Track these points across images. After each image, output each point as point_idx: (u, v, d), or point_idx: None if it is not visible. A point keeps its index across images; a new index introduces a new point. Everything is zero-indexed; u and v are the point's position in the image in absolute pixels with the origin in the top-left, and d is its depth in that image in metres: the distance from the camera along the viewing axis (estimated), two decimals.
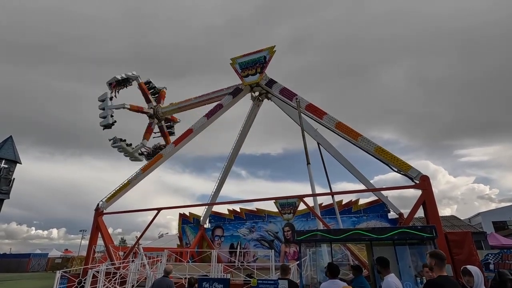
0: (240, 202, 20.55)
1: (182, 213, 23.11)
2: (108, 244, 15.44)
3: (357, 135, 12.83)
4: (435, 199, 10.28)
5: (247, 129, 20.35)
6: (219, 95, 18.33)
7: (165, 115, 21.20)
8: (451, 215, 29.22)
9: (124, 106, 19.22)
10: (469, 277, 3.73)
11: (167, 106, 20.78)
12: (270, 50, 16.75)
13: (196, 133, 17.65)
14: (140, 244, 15.40)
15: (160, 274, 10.03)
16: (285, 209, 20.04)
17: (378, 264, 4.69)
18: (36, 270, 31.12)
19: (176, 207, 18.60)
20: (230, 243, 21.21)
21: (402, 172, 11.70)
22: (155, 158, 17.48)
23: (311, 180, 12.94)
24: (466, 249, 9.22)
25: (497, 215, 30.57)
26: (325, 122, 14.01)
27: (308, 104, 14.75)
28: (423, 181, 10.62)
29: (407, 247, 6.44)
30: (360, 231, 6.79)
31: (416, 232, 6.21)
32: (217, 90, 18.70)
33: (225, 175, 21.40)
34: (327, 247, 8.12)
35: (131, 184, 16.83)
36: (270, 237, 20.23)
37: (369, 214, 18.60)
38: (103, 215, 16.27)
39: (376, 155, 12.44)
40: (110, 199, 16.54)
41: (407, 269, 6.18)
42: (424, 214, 10.84)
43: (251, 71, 17.06)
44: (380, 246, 6.93)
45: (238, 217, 21.99)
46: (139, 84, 20.92)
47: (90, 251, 15.64)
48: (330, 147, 16.94)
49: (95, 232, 16.01)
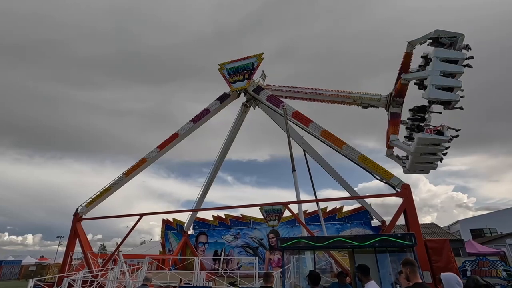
0: (225, 208, 20.37)
1: (166, 219, 22.62)
2: (86, 251, 14.88)
3: (342, 143, 13.05)
4: (415, 207, 10.53)
5: (234, 134, 20.32)
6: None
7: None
8: (431, 223, 30.07)
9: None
10: (442, 285, 3.86)
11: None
12: (259, 57, 16.94)
13: (182, 138, 17.46)
14: (120, 251, 14.92)
15: (140, 282, 9.71)
16: (270, 216, 19.99)
17: (359, 271, 4.72)
18: (8, 279, 29.48)
19: (159, 212, 18.21)
20: (214, 250, 20.88)
21: (385, 180, 11.95)
22: (139, 163, 17.09)
23: (296, 187, 13.01)
24: (444, 256, 9.46)
25: (475, 223, 31.71)
26: (311, 129, 14.19)
27: (294, 112, 14.92)
28: (405, 190, 10.88)
29: (387, 254, 6.55)
30: (342, 239, 6.86)
31: (396, 239, 6.33)
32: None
33: (210, 181, 21.20)
34: (310, 255, 8.13)
35: (113, 189, 16.38)
36: (255, 244, 20.08)
37: (353, 221, 18.83)
38: (82, 220, 15.70)
39: (360, 163, 12.67)
40: (90, 204, 16.01)
41: (387, 277, 6.28)
42: (405, 222, 11.08)
43: (239, 77, 17.16)
44: (362, 254, 7.01)
45: (223, 224, 21.73)
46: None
47: (66, 258, 15.01)
48: (315, 155, 17.15)
49: (73, 238, 15.41)
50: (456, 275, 4.46)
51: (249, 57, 17.22)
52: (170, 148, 17.43)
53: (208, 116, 17.46)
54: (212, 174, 21.12)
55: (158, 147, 17.30)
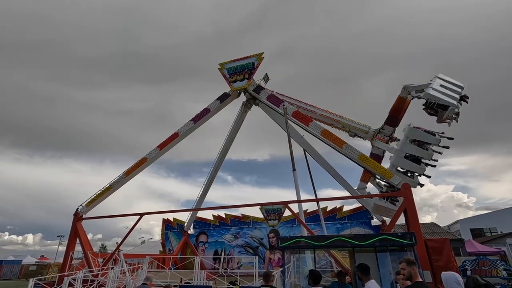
0: (225, 208, 20.36)
1: (166, 218, 22.63)
2: (87, 250, 14.90)
3: (342, 143, 13.05)
4: (415, 207, 10.54)
5: (234, 134, 20.31)
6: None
7: None
8: (431, 223, 30.01)
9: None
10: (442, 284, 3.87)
11: None
12: (259, 57, 16.92)
13: (182, 137, 17.46)
14: (120, 250, 14.93)
15: (141, 281, 9.72)
16: (270, 215, 20.00)
17: (359, 270, 4.73)
18: (8, 278, 29.50)
19: (159, 212, 18.24)
20: (214, 249, 20.89)
21: (385, 179, 11.95)
22: (139, 162, 17.10)
23: (296, 187, 13.01)
24: (444, 255, 9.47)
25: (475, 222, 31.70)
26: (311, 129, 14.20)
27: (294, 111, 14.92)
28: (405, 189, 10.88)
29: (388, 253, 6.54)
30: (342, 238, 6.86)
31: (396, 239, 6.33)
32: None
33: (211, 181, 21.20)
34: (310, 254, 8.13)
35: (113, 188, 16.39)
36: (255, 243, 20.09)
37: (353, 220, 18.84)
38: (82, 220, 15.71)
39: (360, 162, 12.67)
40: (90, 203, 16.02)
41: (387, 276, 6.27)
42: (405, 221, 11.09)
43: (239, 77, 17.15)
44: (362, 253, 7.01)
45: (223, 223, 21.74)
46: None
47: (67, 257, 15.03)
48: (316, 154, 17.12)
49: (73, 237, 15.43)
50: (457, 273, 4.47)
51: (249, 57, 17.21)
52: (171, 147, 17.44)
53: (208, 115, 17.46)
54: (212, 173, 21.12)
55: (158, 147, 17.31)
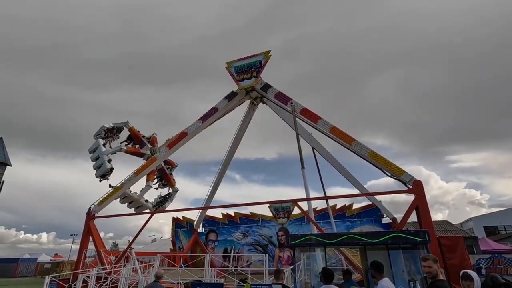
0: (234, 206, 20.34)
1: (176, 217, 22.87)
2: (100, 248, 15.15)
3: (352, 140, 12.92)
4: (428, 204, 10.38)
5: (242, 133, 20.34)
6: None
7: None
8: (444, 220, 29.55)
9: (120, 148, 17.64)
10: (470, 282, 3.77)
11: (164, 143, 18.44)
12: (266, 55, 16.86)
13: (191, 137, 17.56)
14: (132, 248, 15.16)
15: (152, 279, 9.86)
16: (279, 214, 19.83)
17: (373, 268, 4.69)
18: (25, 275, 30.33)
19: (169, 211, 18.45)
20: (224, 247, 21.01)
21: (396, 177, 11.79)
22: (149, 161, 17.31)
23: (305, 185, 12.96)
24: (458, 253, 9.30)
25: (488, 220, 31.02)
26: (320, 126, 14.09)
27: (303, 109, 14.83)
28: (416, 186, 10.72)
29: (400, 251, 6.44)
30: (354, 236, 6.79)
31: (409, 236, 6.23)
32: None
33: (219, 179, 21.31)
34: (321, 252, 8.08)
35: (124, 188, 16.62)
36: (264, 241, 20.12)
37: (363, 218, 18.65)
38: (94, 218, 15.99)
39: (370, 159, 12.53)
40: (102, 202, 16.29)
41: (400, 274, 6.19)
42: (417, 219, 10.92)
43: (246, 75, 17.12)
44: (373, 251, 6.92)
45: (232, 222, 21.84)
46: (130, 129, 19.17)
47: (80, 255, 15.32)
48: (324, 152, 17.00)
49: (86, 236, 15.71)
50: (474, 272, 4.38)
51: (256, 55, 17.16)
52: (179, 147, 17.56)
53: (216, 114, 17.50)
54: (220, 172, 21.22)
55: (167, 146, 17.46)
